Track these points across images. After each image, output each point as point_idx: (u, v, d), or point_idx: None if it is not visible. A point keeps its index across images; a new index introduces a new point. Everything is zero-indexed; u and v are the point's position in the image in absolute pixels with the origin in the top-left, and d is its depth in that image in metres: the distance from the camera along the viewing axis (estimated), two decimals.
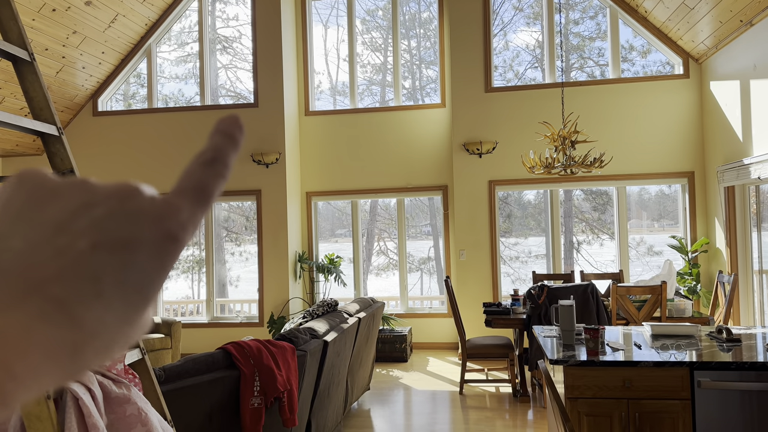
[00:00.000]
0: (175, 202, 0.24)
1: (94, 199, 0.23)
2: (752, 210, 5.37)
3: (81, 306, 0.21)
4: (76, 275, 0.21)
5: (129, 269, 0.22)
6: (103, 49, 6.82)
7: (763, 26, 4.78)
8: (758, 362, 2.68)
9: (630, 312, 4.40)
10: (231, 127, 0.27)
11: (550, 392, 2.17)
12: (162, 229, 0.23)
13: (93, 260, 0.21)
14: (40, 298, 0.20)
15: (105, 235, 0.22)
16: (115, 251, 0.22)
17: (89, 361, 0.21)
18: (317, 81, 7.45)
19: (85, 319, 0.21)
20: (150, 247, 0.22)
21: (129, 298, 0.22)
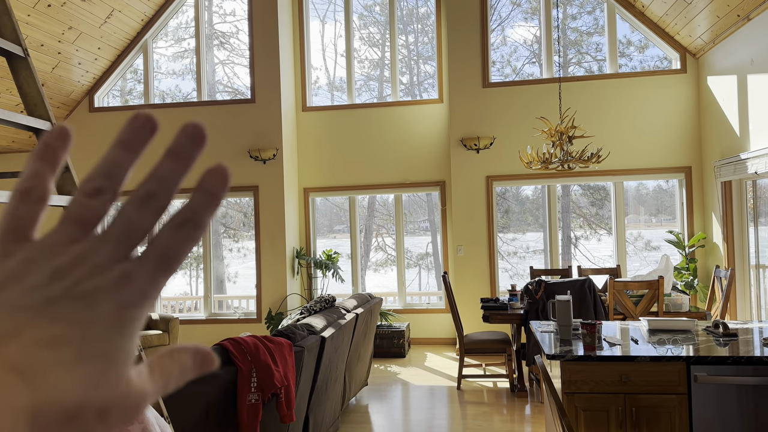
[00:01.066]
0: (134, 272, 0.23)
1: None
2: (749, 205, 5.38)
3: (42, 370, 0.21)
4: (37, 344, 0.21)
5: (89, 343, 0.22)
6: (99, 44, 6.79)
7: (760, 21, 4.77)
8: (755, 357, 2.68)
9: (627, 307, 4.41)
10: (216, 186, 0.26)
11: (547, 387, 2.17)
12: (119, 302, 0.23)
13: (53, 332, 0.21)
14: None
15: (62, 315, 0.22)
16: (72, 327, 0.22)
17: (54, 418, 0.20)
18: (314, 76, 7.43)
19: (42, 384, 0.21)
20: (108, 320, 0.22)
21: (91, 362, 0.22)
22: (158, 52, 7.43)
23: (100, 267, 0.23)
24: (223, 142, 6.87)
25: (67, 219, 0.24)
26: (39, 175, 0.25)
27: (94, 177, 0.24)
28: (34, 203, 0.25)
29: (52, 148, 0.25)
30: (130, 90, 7.58)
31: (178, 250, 0.24)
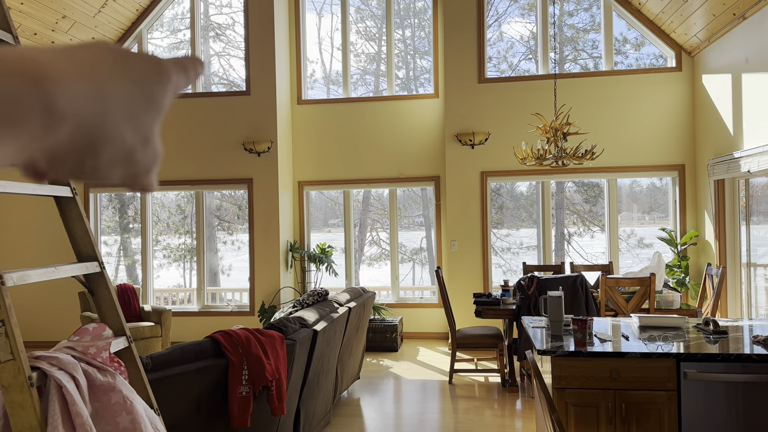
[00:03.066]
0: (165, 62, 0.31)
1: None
2: (741, 203, 5.41)
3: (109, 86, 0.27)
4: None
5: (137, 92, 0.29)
6: (94, 34, 6.74)
7: (755, 20, 4.78)
8: (744, 354, 2.70)
9: (619, 303, 4.43)
10: (189, 63, 0.32)
11: (537, 383, 2.18)
12: (161, 69, 0.30)
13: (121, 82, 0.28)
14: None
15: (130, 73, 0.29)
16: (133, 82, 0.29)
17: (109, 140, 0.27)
18: (310, 70, 7.40)
19: (113, 97, 0.27)
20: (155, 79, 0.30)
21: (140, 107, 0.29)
22: (153, 43, 7.38)
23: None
24: (217, 134, 6.84)
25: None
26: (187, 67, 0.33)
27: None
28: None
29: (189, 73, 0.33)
30: None
31: (187, 66, 0.33)
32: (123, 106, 0.27)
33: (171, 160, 6.93)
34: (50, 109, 0.24)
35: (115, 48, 0.29)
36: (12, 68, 0.23)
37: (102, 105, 0.26)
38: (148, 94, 0.29)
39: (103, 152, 0.27)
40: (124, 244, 7.76)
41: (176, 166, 6.91)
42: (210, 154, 6.86)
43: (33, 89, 0.23)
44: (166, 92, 0.30)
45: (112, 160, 0.27)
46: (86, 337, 1.71)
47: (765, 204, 4.95)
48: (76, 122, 0.25)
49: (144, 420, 1.69)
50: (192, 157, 6.90)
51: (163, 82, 0.30)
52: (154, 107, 0.29)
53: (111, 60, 0.28)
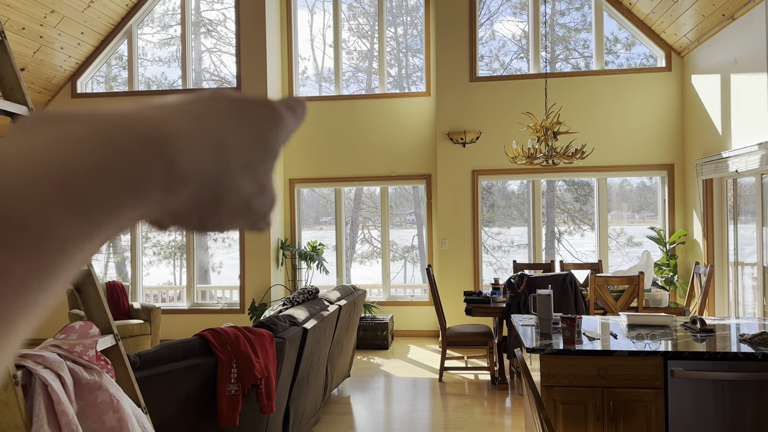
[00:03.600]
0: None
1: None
2: (729, 203, 5.46)
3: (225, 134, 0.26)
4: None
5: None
6: (83, 29, 6.67)
7: (744, 21, 4.82)
8: (730, 352, 2.73)
9: (607, 302, 4.45)
10: (297, 106, 0.31)
11: (525, 380, 2.19)
12: (273, 111, 0.30)
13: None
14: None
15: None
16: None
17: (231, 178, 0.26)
18: (302, 67, 7.38)
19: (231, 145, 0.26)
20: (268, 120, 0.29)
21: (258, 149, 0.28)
22: (144, 39, 7.32)
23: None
24: None
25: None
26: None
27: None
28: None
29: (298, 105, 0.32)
30: (114, 76, 7.48)
31: (295, 107, 0.31)
32: (241, 158, 0.26)
33: None
34: (172, 171, 0.23)
35: (229, 96, 0.28)
36: (132, 132, 0.22)
37: (221, 160, 0.25)
38: (263, 141, 0.28)
39: (224, 207, 0.26)
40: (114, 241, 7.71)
41: None
42: None
43: (154, 152, 0.22)
44: (280, 137, 0.29)
45: (232, 213, 0.26)
46: (72, 335, 1.69)
47: (752, 203, 5.00)
48: (197, 181, 0.24)
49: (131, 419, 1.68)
50: None
51: (276, 127, 0.29)
52: (269, 154, 0.28)
53: (227, 110, 0.27)
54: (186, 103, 0.26)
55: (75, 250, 0.19)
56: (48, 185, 0.18)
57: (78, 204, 0.19)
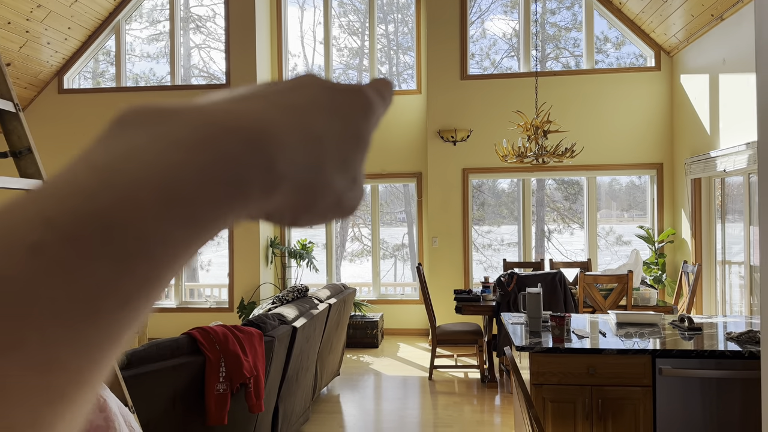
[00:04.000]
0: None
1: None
2: (717, 202, 5.50)
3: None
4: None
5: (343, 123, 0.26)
6: (69, 24, 6.59)
7: (733, 21, 4.85)
8: (717, 350, 2.75)
9: (597, 300, 4.47)
10: (385, 89, 0.29)
11: (515, 379, 2.19)
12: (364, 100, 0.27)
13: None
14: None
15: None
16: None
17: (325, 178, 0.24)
18: (292, 63, 7.34)
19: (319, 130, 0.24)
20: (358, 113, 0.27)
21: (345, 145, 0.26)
22: (132, 34, 7.25)
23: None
24: None
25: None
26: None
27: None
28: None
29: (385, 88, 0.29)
30: (102, 72, 7.40)
31: (385, 92, 0.29)
32: (336, 152, 0.25)
33: None
34: (271, 171, 0.21)
35: (322, 84, 0.26)
36: (232, 130, 0.20)
37: (318, 156, 0.24)
38: (355, 131, 0.26)
39: (318, 205, 0.25)
40: None
41: None
42: None
43: (254, 152, 0.21)
44: (371, 126, 0.27)
45: (325, 210, 0.25)
46: None
47: (740, 203, 5.04)
48: (294, 181, 0.22)
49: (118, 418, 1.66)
50: None
51: (368, 115, 0.27)
52: (362, 146, 0.27)
53: (321, 100, 0.25)
54: (280, 93, 0.24)
55: (177, 260, 0.18)
56: (152, 191, 0.18)
57: (182, 211, 0.18)
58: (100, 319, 0.16)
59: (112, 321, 0.17)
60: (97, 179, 0.17)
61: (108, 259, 0.16)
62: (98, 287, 0.16)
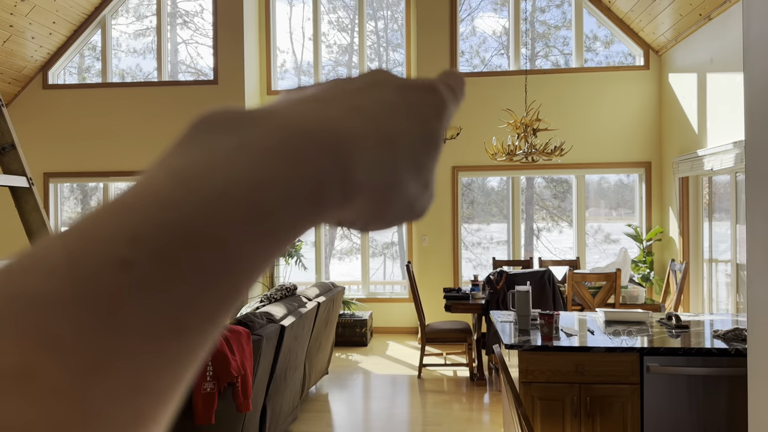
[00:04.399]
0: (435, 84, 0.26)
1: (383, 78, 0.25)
2: (705, 201, 5.54)
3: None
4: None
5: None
6: (54, 18, 6.50)
7: (720, 21, 4.88)
8: (704, 348, 2.76)
9: (585, 298, 4.49)
10: (457, 83, 0.27)
11: (504, 377, 2.18)
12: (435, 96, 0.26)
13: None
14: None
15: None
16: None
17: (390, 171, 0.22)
18: (281, 60, 7.29)
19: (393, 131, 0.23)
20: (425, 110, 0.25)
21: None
22: (118, 29, 7.16)
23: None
24: (183, 123, 6.65)
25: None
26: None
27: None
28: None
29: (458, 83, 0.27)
30: (88, 67, 7.30)
31: (456, 88, 0.27)
32: (410, 156, 0.23)
33: (135, 150, 6.75)
34: (347, 181, 0.20)
35: (395, 83, 0.24)
36: (312, 138, 0.19)
37: (392, 162, 0.22)
38: (428, 132, 0.24)
39: (391, 212, 0.23)
40: None
41: (141, 155, 6.73)
42: None
43: (333, 160, 0.19)
44: (443, 125, 0.26)
45: (396, 215, 0.24)
46: None
47: (727, 201, 5.08)
48: (370, 188, 0.21)
49: None
50: (157, 148, 6.73)
51: (441, 114, 0.25)
52: (435, 147, 0.25)
53: (396, 100, 0.24)
54: (353, 94, 0.23)
55: (256, 273, 0.18)
56: (237, 205, 0.17)
57: (265, 225, 0.17)
58: (185, 337, 0.16)
59: (196, 338, 0.16)
60: (182, 190, 0.17)
61: (194, 275, 0.16)
62: (184, 304, 0.15)
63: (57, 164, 6.89)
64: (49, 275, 0.14)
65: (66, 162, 6.88)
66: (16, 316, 0.14)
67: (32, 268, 0.15)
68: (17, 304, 0.14)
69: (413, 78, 0.26)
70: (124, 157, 6.79)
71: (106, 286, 0.14)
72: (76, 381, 0.13)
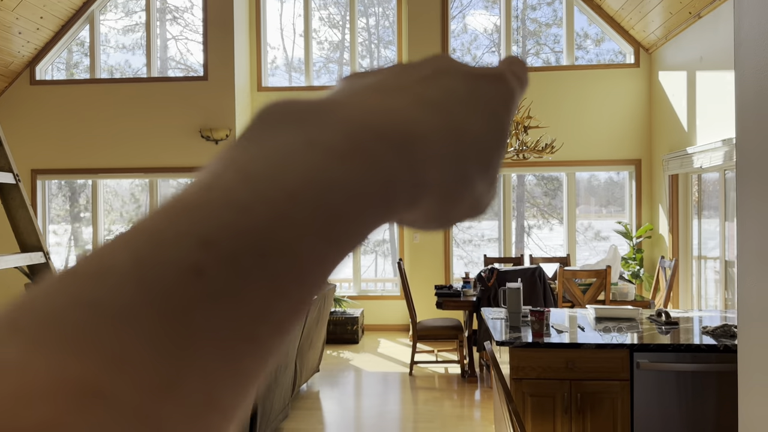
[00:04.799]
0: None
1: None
2: (694, 198, 5.57)
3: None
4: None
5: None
6: (42, 13, 6.41)
7: (710, 19, 4.91)
8: (693, 344, 2.78)
9: (575, 295, 4.50)
10: (521, 71, 0.25)
11: (495, 373, 2.18)
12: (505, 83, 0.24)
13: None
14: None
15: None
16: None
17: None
18: (272, 56, 7.25)
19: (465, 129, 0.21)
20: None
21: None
22: (107, 25, 7.08)
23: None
24: (173, 120, 6.63)
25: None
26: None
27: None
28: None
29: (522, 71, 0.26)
30: (76, 63, 7.22)
31: (521, 75, 0.25)
32: (478, 151, 0.22)
33: (124, 146, 6.69)
34: (418, 181, 0.19)
35: (463, 71, 0.23)
36: (381, 134, 0.18)
37: (463, 159, 0.21)
38: (498, 126, 0.23)
39: (456, 211, 0.22)
40: (75, 233, 7.46)
41: (130, 153, 6.67)
42: (165, 142, 6.63)
43: (403, 159, 0.18)
44: (511, 117, 0.24)
45: (459, 214, 0.23)
46: None
47: (716, 199, 5.11)
48: (437, 189, 0.20)
49: None
50: (146, 144, 6.67)
51: (510, 106, 0.24)
52: (503, 142, 0.23)
53: (463, 91, 0.22)
54: (420, 84, 0.21)
55: (324, 279, 0.17)
56: (310, 207, 0.16)
57: (336, 229, 0.16)
58: (256, 348, 0.15)
59: (266, 349, 0.15)
60: (251, 191, 0.15)
61: (266, 283, 0.15)
62: (257, 315, 0.15)
63: (44, 161, 6.81)
64: (117, 283, 0.13)
65: (54, 159, 6.81)
66: (81, 327, 0.12)
67: (98, 274, 0.13)
68: (82, 313, 0.13)
69: (479, 65, 0.24)
70: (112, 154, 6.73)
71: (177, 297, 0.13)
72: (148, 401, 0.12)
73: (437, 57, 0.24)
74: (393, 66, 0.23)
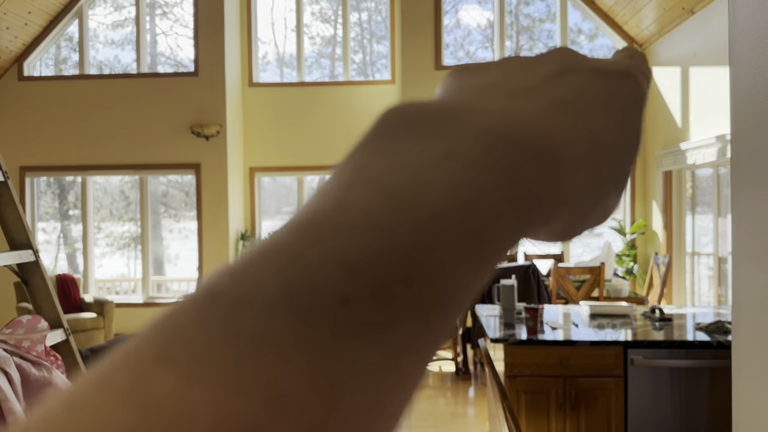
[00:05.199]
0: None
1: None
2: (688, 194, 5.58)
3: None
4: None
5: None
6: (30, 8, 6.32)
7: (703, 15, 4.90)
8: (687, 341, 2.77)
9: (569, 292, 4.50)
10: (644, 65, 0.23)
11: (489, 371, 2.16)
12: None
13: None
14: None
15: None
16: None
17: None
18: (263, 51, 7.19)
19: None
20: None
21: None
22: (96, 20, 7.00)
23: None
24: (163, 116, 6.56)
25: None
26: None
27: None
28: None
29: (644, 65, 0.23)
30: (65, 59, 7.14)
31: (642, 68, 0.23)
32: (613, 160, 0.19)
33: (114, 142, 6.62)
34: (556, 197, 0.17)
35: (589, 66, 0.20)
36: (520, 143, 0.16)
37: (600, 170, 0.19)
38: (630, 129, 0.20)
39: (585, 224, 0.20)
40: (65, 231, 7.39)
41: (119, 149, 6.60)
42: (155, 138, 6.57)
43: (543, 174, 0.16)
44: (642, 118, 0.22)
45: (587, 227, 0.21)
46: (19, 329, 1.61)
47: (709, 195, 5.11)
48: (574, 203, 0.18)
49: None
50: (136, 141, 6.60)
51: (641, 107, 0.21)
52: (636, 147, 0.21)
53: (595, 91, 0.20)
54: (548, 83, 0.19)
55: (464, 304, 0.15)
56: (454, 229, 0.14)
57: (478, 252, 0.15)
58: (402, 381, 0.14)
59: (411, 381, 0.14)
60: (391, 209, 0.14)
61: (411, 312, 0.13)
62: (403, 346, 0.13)
63: (33, 158, 6.73)
64: (268, 313, 0.12)
65: (43, 156, 6.73)
66: (236, 360, 0.11)
67: (246, 299, 0.12)
68: (236, 345, 0.11)
69: (603, 60, 0.22)
70: (102, 150, 6.65)
71: (328, 329, 0.12)
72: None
73: (559, 50, 0.21)
74: (508, 61, 0.21)
